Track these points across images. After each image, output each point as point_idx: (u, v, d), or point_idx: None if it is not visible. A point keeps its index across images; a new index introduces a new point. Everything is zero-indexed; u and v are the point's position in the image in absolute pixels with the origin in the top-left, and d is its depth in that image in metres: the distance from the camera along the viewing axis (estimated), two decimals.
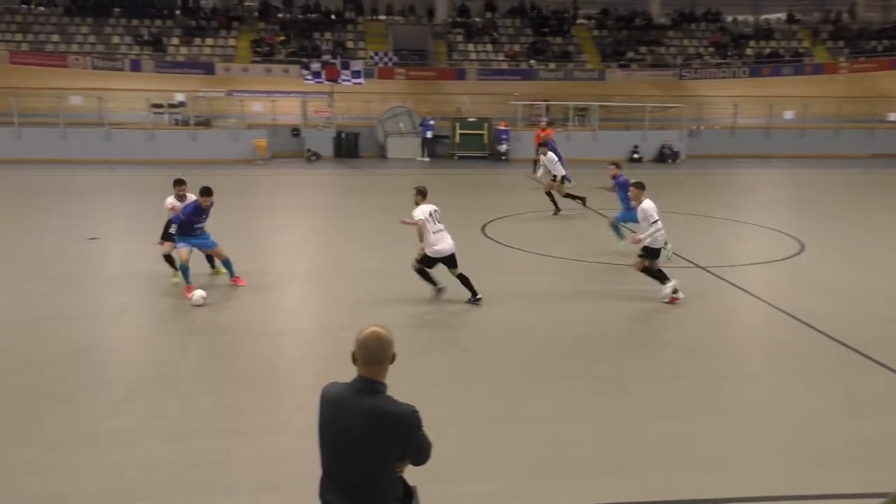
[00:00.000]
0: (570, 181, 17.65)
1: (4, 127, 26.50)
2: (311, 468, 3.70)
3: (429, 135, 28.93)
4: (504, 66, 39.70)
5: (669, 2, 44.65)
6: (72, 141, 26.70)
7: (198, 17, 40.16)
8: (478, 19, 42.71)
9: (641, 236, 10.01)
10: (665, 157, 29.50)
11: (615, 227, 13.51)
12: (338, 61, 30.81)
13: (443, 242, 9.70)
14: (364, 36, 40.57)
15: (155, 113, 29.24)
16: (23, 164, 24.75)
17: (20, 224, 15.31)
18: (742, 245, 14.62)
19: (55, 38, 37.56)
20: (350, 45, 39.60)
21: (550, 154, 17.33)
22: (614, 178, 13.76)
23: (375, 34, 40.71)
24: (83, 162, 25.44)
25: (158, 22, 39.56)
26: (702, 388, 7.42)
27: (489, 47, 40.94)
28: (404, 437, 3.38)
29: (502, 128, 29.40)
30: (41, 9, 39.60)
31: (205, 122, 29.51)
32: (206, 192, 10.15)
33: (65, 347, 8.32)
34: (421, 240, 9.70)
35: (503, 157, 28.83)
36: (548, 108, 31.68)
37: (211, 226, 10.72)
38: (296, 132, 29.54)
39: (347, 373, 3.47)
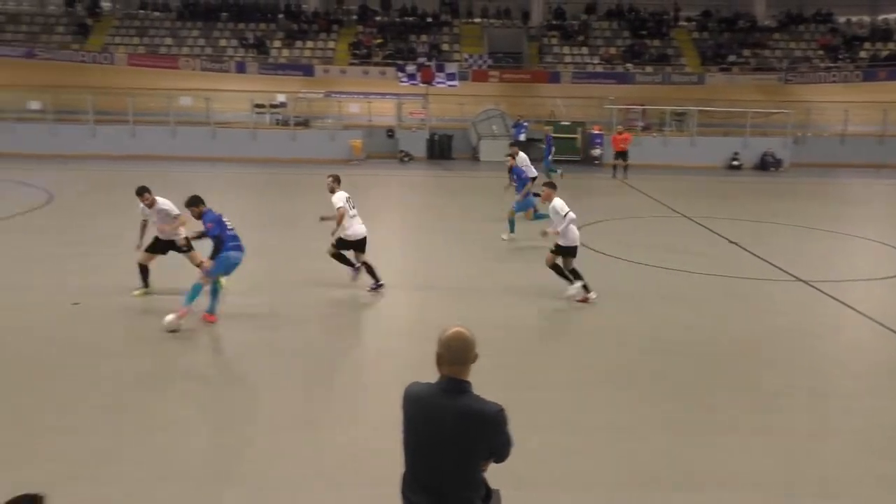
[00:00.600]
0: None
1: (121, 125, 28.17)
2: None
3: (522, 137, 28.89)
4: (599, 68, 39.17)
5: (776, 3, 42.91)
6: (180, 139, 28.12)
7: (299, 21, 41.50)
8: (574, 21, 42.32)
9: (559, 228, 10.05)
10: (767, 165, 28.40)
11: (511, 220, 14.14)
12: (433, 63, 31.23)
13: (358, 226, 10.38)
14: (459, 38, 40.91)
15: (257, 113, 30.45)
16: (136, 161, 26.24)
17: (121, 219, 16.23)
18: (848, 259, 13.97)
19: (168, 41, 39.62)
20: (445, 47, 40.02)
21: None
22: (511, 168, 15.15)
23: (470, 37, 40.97)
24: (190, 159, 26.73)
25: (262, 25, 41.11)
26: (798, 405, 7.16)
27: (584, 50, 40.49)
28: (492, 435, 3.43)
29: (596, 132, 29.03)
30: (157, 14, 41.85)
31: (304, 123, 30.48)
32: (193, 202, 9.10)
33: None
34: (339, 225, 10.22)
35: (596, 162, 28.48)
36: (644, 112, 31.06)
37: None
38: (390, 133, 30.11)
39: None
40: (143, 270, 10.15)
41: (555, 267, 10.24)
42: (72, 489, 5.30)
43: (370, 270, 10.43)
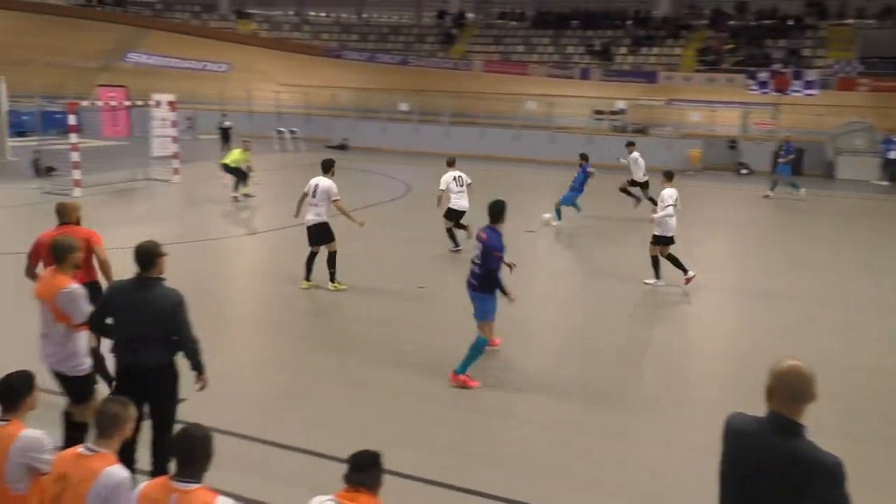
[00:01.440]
0: None
1: (472, 127, 30.77)
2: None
3: (892, 155, 25.32)
4: None
5: None
6: (523, 141, 29.80)
7: (647, 27, 41.17)
8: None
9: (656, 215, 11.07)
10: None
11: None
12: (789, 70, 28.79)
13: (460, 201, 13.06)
14: (825, 42, 37.02)
15: (596, 119, 30.98)
16: (482, 160, 28.47)
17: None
18: None
19: (520, 48, 42.14)
20: (806, 52, 36.53)
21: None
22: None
23: (839, 40, 36.80)
24: (529, 161, 28.21)
25: (610, 32, 41.60)
26: None
27: None
28: (825, 489, 3.03)
29: None
30: (513, 23, 44.76)
31: (641, 130, 30.25)
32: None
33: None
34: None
35: None
36: None
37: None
38: (732, 144, 28.49)
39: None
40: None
41: (655, 258, 11.15)
42: None
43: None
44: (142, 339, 4.99)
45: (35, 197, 17.11)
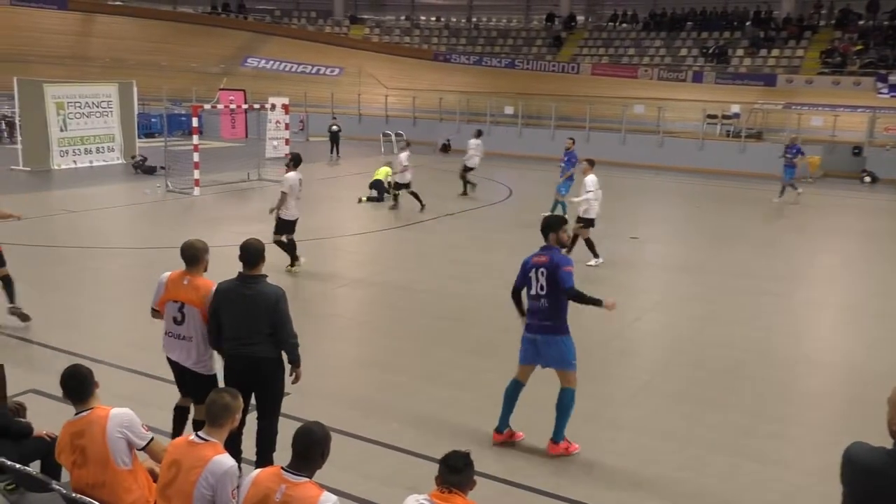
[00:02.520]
0: None
1: (578, 131, 30.35)
2: None
3: None
4: None
5: None
6: (629, 146, 29.16)
7: (767, 28, 39.36)
8: None
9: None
10: None
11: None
12: None
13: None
14: None
15: (708, 123, 29.90)
16: None
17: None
18: None
19: (631, 51, 41.24)
20: None
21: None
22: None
23: None
24: (636, 166, 27.57)
25: (727, 34, 40.05)
26: None
27: None
28: None
29: None
30: (624, 25, 43.88)
31: (756, 135, 28.97)
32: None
33: (596, 333, 9.39)
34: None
35: None
36: None
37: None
38: (857, 151, 26.82)
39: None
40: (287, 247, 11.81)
41: (587, 240, 12.25)
42: None
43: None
44: (251, 334, 5.21)
45: (160, 194, 18.25)
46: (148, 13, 48.95)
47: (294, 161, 11.77)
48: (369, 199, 18.57)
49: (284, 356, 5.40)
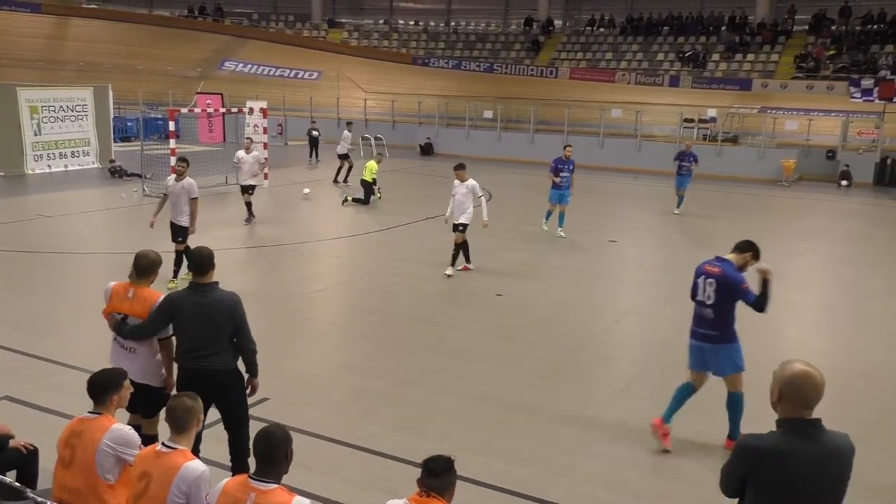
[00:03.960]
0: None
1: (556, 135, 30.52)
2: None
3: None
4: None
5: None
6: (608, 150, 29.36)
7: (742, 33, 39.83)
8: None
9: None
10: None
11: None
12: None
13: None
14: None
15: (685, 127, 30.17)
16: None
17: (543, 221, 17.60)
18: None
19: (608, 55, 41.52)
20: None
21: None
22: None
23: None
24: (614, 169, 27.76)
25: (703, 39, 40.47)
26: None
27: None
28: (851, 465, 3.21)
29: None
30: (601, 30, 44.17)
31: (732, 139, 29.30)
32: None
33: (577, 336, 9.43)
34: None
35: None
36: None
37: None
38: (831, 154, 27.21)
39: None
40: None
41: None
42: None
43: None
44: (209, 344, 5.10)
45: (136, 199, 18.08)
46: (123, 16, 48.51)
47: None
48: (354, 200, 18.50)
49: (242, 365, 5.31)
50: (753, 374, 6.31)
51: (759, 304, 6.14)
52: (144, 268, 5.41)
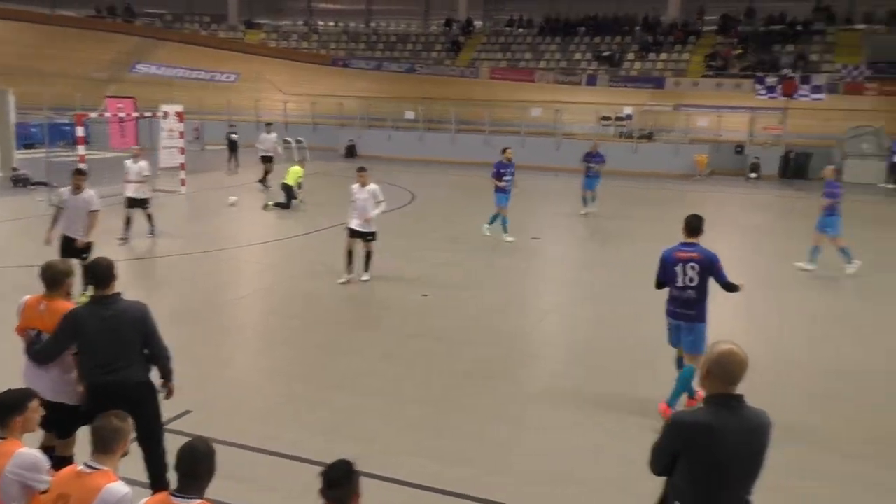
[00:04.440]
0: None
1: (477, 134, 30.79)
2: None
3: None
4: None
5: None
6: (529, 148, 29.75)
7: (655, 33, 41.12)
8: None
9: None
10: None
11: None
12: (797, 75, 28.70)
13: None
14: (833, 47, 36.92)
15: (603, 125, 30.95)
16: (488, 167, 28.40)
17: (474, 220, 17.71)
18: None
19: (528, 55, 42.17)
20: (814, 57, 36.45)
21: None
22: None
23: (847, 45, 36.71)
24: (536, 168, 28.17)
25: (618, 38, 41.59)
26: None
27: None
28: (769, 437, 3.46)
29: None
30: (520, 30, 44.81)
31: (648, 136, 30.21)
32: None
33: (502, 334, 9.51)
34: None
35: None
36: None
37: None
38: (739, 149, 28.41)
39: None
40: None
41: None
42: None
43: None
44: (118, 358, 4.89)
45: (43, 208, 17.22)
46: (22, 16, 46.18)
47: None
48: (276, 204, 18.16)
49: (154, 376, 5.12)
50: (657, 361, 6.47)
51: (730, 286, 6.82)
52: (50, 279, 5.12)
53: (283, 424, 6.79)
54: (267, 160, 21.45)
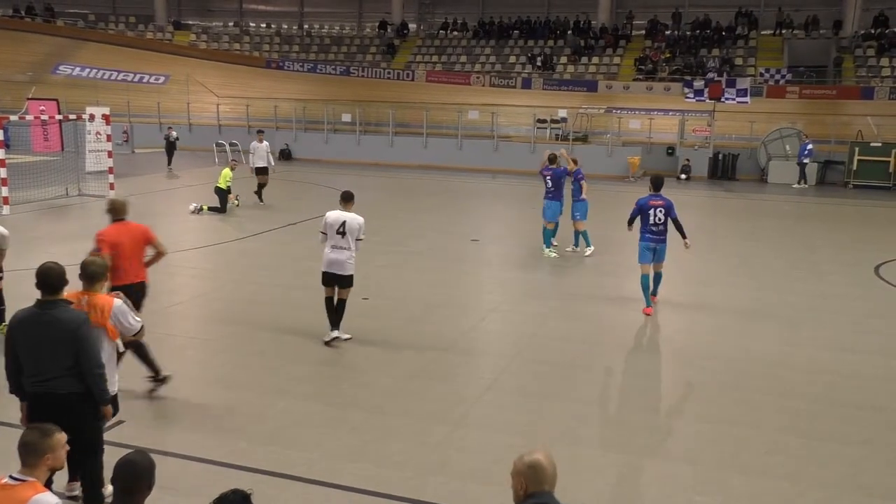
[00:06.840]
0: None
1: (415, 137, 30.79)
2: None
3: (805, 160, 26.38)
4: None
5: None
6: (466, 151, 29.98)
7: (587, 37, 41.91)
8: None
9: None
10: None
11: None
12: (723, 79, 29.63)
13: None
14: (755, 52, 38.36)
15: (538, 128, 31.36)
16: (426, 170, 28.46)
17: (413, 223, 17.71)
18: None
19: (463, 58, 42.39)
20: (738, 61, 37.78)
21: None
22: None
23: (769, 49, 38.21)
24: (473, 170, 28.37)
25: (551, 42, 42.21)
26: None
27: None
28: None
29: None
30: (455, 33, 45.01)
31: (582, 138, 30.75)
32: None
33: (444, 335, 9.52)
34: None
35: None
36: None
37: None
38: (670, 151, 29.20)
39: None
40: None
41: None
42: None
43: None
44: (49, 368, 4.72)
45: None
46: None
47: None
48: (210, 209, 17.74)
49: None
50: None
51: (678, 222, 10.43)
52: (90, 275, 5.34)
53: (222, 434, 6.64)
54: (261, 171, 19.67)
